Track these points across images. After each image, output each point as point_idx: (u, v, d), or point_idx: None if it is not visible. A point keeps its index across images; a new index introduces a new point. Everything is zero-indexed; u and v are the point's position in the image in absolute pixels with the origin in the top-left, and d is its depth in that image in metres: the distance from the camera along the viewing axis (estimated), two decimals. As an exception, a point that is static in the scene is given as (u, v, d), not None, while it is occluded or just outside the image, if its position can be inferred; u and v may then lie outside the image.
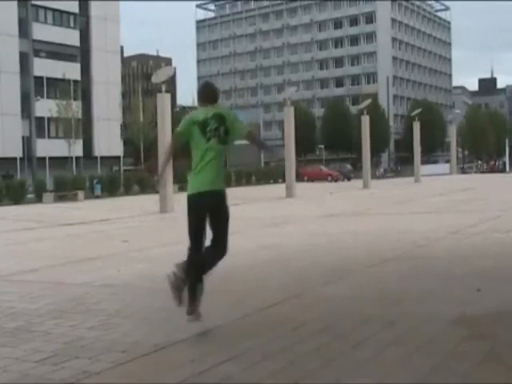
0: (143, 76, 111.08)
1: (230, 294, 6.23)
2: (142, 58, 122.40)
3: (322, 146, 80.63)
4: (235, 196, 28.57)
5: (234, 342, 4.47)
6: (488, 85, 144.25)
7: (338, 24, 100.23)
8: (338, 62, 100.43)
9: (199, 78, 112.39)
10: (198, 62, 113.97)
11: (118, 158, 56.07)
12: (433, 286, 6.14)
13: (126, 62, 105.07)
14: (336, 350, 4.16)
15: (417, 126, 45.47)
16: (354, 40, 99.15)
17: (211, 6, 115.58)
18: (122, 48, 76.03)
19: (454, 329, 4.55)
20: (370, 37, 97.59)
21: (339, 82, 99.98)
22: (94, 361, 4.18)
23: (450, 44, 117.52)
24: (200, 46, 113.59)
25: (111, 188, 35.54)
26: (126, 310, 5.79)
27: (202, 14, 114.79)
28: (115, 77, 61.99)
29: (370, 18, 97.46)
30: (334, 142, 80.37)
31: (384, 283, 6.47)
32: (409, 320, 4.87)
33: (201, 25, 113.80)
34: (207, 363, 3.99)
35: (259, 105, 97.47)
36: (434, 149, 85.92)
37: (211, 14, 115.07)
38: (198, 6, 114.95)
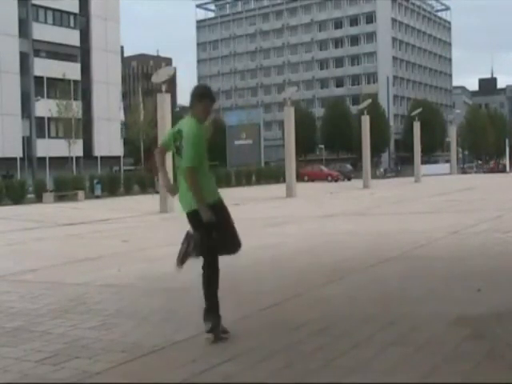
0: (143, 76, 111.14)
1: (230, 294, 6.21)
2: (142, 58, 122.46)
3: (322, 146, 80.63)
4: (235, 196, 28.60)
5: (234, 342, 4.47)
6: (488, 85, 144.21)
7: (338, 24, 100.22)
8: (338, 61, 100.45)
9: (199, 78, 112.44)
10: (198, 61, 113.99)
11: (118, 157, 56.01)
12: (433, 286, 6.14)
13: (125, 61, 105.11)
14: (336, 350, 4.16)
15: (417, 126, 45.51)
16: (354, 40, 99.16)
17: (211, 6, 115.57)
18: (122, 48, 76.02)
19: (455, 329, 4.55)
20: (370, 37, 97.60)
21: (339, 82, 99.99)
22: (94, 361, 4.18)
23: (450, 44, 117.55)
24: (200, 45, 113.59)
25: (111, 188, 35.52)
26: (126, 310, 5.79)
27: (202, 14, 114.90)
28: (115, 77, 61.97)
29: (370, 18, 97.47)
30: (334, 142, 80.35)
31: (384, 283, 6.47)
32: (409, 320, 4.87)
33: (201, 25, 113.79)
34: (207, 363, 3.98)
35: (259, 105, 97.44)
36: (434, 149, 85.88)
37: (211, 14, 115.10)
38: (198, 6, 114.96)
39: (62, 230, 16.19)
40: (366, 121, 38.29)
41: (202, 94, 4.70)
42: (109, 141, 57.92)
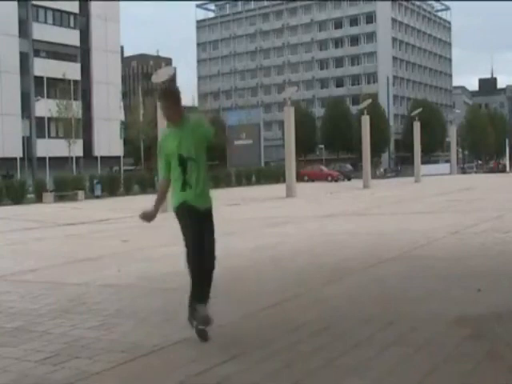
0: (143, 76, 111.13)
1: (230, 294, 6.22)
2: (142, 58, 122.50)
3: (322, 146, 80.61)
4: (235, 196, 28.61)
5: (234, 342, 4.47)
6: (488, 85, 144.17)
7: (338, 24, 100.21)
8: (338, 61, 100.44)
9: (199, 77, 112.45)
10: (198, 61, 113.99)
11: (118, 157, 55.99)
12: (433, 286, 6.14)
13: (125, 61, 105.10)
14: (336, 350, 4.16)
15: (417, 126, 45.51)
16: (354, 40, 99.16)
17: (211, 6, 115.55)
18: (122, 48, 76.01)
19: (455, 329, 4.55)
20: (370, 37, 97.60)
21: (339, 82, 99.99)
22: (94, 361, 4.18)
23: (450, 44, 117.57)
24: (200, 45, 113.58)
25: (111, 188, 35.51)
26: (126, 310, 5.79)
27: (202, 14, 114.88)
28: (115, 77, 61.98)
29: (370, 18, 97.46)
30: (334, 141, 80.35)
31: (384, 283, 6.47)
32: (409, 320, 4.87)
33: (201, 25, 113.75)
34: (207, 363, 3.98)
35: (259, 105, 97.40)
36: (434, 149, 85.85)
37: (211, 14, 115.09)
38: (198, 6, 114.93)
39: (62, 230, 16.18)
40: (366, 121, 38.28)
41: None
42: (109, 141, 57.90)
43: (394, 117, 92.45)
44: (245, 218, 17.10)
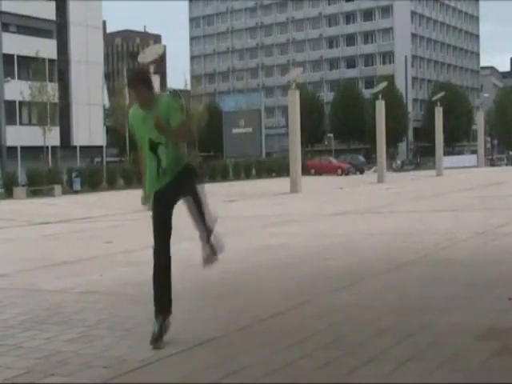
0: (128, 55, 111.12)
1: (228, 301, 6.23)
2: (128, 35, 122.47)
3: (331, 135, 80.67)
4: (232, 191, 28.64)
5: (231, 356, 4.47)
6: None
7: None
8: (350, 39, 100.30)
9: (192, 57, 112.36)
10: (191, 39, 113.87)
11: (100, 147, 55.88)
12: (457, 294, 6.15)
13: (109, 38, 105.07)
14: (346, 365, 4.16)
15: (439, 112, 45.53)
16: (368, 14, 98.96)
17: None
18: (104, 23, 75.94)
19: (482, 342, 4.55)
20: (386, 10, 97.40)
21: (350, 63, 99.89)
22: (73, 378, 4.18)
23: (477, 18, 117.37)
24: (193, 21, 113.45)
25: (92, 182, 35.55)
26: (109, 320, 5.80)
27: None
28: (97, 55, 61.89)
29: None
30: (345, 130, 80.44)
31: (402, 290, 6.48)
32: (430, 332, 4.87)
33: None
34: (200, 381, 3.98)
35: (260, 88, 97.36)
36: (458, 138, 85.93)
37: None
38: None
39: (36, 230, 16.20)
40: (380, 106, 38.28)
41: None
42: (89, 128, 57.85)
43: (412, 102, 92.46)
44: (243, 216, 17.12)
